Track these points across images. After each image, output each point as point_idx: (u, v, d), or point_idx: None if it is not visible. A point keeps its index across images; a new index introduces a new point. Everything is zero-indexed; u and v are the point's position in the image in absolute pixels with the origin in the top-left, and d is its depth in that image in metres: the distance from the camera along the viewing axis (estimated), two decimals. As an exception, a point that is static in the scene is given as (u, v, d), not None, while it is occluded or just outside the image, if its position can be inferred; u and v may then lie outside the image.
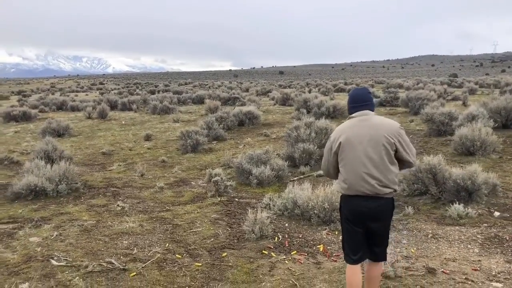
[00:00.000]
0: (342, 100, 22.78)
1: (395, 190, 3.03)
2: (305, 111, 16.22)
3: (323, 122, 9.67)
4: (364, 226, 3.07)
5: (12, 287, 3.68)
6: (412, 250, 4.48)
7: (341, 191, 3.14)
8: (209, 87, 49.37)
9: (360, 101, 3.14)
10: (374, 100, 3.27)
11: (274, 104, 22.27)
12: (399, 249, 4.51)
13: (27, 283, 3.77)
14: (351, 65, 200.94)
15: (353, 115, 3.14)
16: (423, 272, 3.91)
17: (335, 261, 4.27)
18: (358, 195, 3.02)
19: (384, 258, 3.19)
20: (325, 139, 9.03)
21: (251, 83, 64.80)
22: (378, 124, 3.03)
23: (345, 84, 42.48)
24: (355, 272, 3.13)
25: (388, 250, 4.07)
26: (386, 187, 2.97)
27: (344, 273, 3.94)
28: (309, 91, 33.06)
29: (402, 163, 3.07)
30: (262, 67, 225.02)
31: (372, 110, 3.14)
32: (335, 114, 15.78)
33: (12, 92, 47.25)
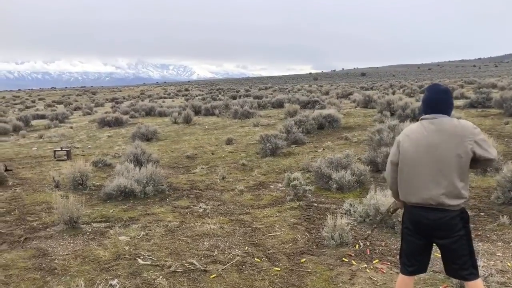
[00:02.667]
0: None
1: (464, 202, 2.77)
2: (388, 113, 15.64)
3: (407, 125, 9.22)
4: (427, 239, 2.87)
5: (103, 283, 3.93)
6: (509, 264, 4.11)
7: (401, 198, 2.97)
8: (289, 91, 49.50)
9: (438, 107, 2.85)
10: (464, 101, 3.01)
11: (355, 107, 21.75)
12: (493, 262, 4.15)
13: (116, 280, 4.01)
14: (438, 65, 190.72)
15: (425, 116, 2.90)
16: (522, 289, 3.56)
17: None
18: (420, 206, 2.83)
19: (468, 278, 2.84)
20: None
21: (332, 85, 63.97)
22: (451, 128, 2.76)
23: (432, 84, 40.26)
24: (407, 283, 2.95)
25: (481, 263, 3.77)
26: (452, 198, 2.73)
27: (430, 284, 3.73)
28: (393, 93, 31.89)
29: (483, 162, 2.80)
30: (343, 69, 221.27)
31: (449, 115, 2.88)
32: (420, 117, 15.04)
33: (107, 99, 51.11)
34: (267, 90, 55.39)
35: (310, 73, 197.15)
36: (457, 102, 19.90)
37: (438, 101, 2.88)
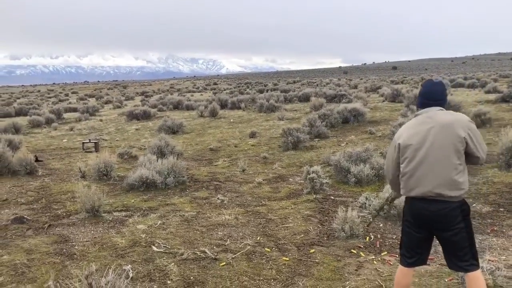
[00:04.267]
0: (459, 95, 21.17)
1: (463, 193, 2.78)
2: (415, 107, 15.38)
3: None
4: (427, 231, 2.88)
5: (117, 268, 4.09)
6: (521, 260, 4.05)
7: (402, 193, 2.99)
8: (317, 84, 49.18)
9: (434, 99, 2.92)
10: (496, 96, 3.01)
11: (383, 101, 21.46)
12: (504, 257, 4.10)
13: (129, 265, 4.17)
14: (472, 58, 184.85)
15: (420, 112, 2.95)
16: (531, 285, 3.51)
17: (428, 265, 4.02)
18: (421, 198, 2.84)
19: (468, 269, 2.84)
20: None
21: (361, 79, 63.13)
22: (446, 120, 2.79)
23: (465, 79, 39.25)
24: (406, 274, 2.97)
25: (491, 257, 3.74)
26: (451, 189, 2.74)
27: (436, 277, 3.72)
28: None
29: (470, 158, 2.82)
30: (373, 62, 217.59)
31: (444, 108, 2.92)
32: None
33: (137, 93, 52.09)
34: (295, 84, 55.20)
35: (340, 66, 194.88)
36: (488, 97, 19.37)
37: (436, 93, 2.95)
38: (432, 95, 2.94)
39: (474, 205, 5.94)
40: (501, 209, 5.67)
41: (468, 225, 2.82)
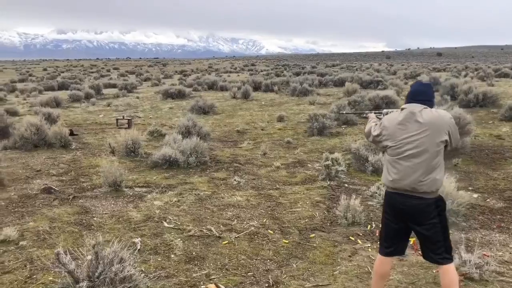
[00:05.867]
0: (501, 86, 20.41)
1: (439, 190, 2.91)
2: (449, 97, 15.03)
3: (456, 111, 8.95)
4: (404, 223, 2.99)
5: (128, 240, 4.42)
6: (517, 256, 4.07)
7: (384, 184, 3.11)
8: (356, 69, 48.36)
9: (421, 99, 2.99)
10: None
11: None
12: (501, 253, 4.13)
13: (139, 238, 4.49)
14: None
15: (405, 105, 3.02)
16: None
17: (421, 255, 4.12)
18: (397, 192, 2.95)
19: (441, 262, 2.97)
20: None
21: (402, 65, 61.54)
22: (429, 118, 2.88)
23: (511, 69, 37.61)
24: (384, 262, 3.09)
25: (486, 253, 3.80)
26: (427, 185, 2.84)
27: (425, 268, 3.83)
28: (465, 75, 30.24)
29: (448, 151, 2.99)
30: (418, 48, 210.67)
31: (431, 107, 2.99)
32: (484, 103, 14.33)
33: (176, 72, 52.96)
34: (334, 68, 54.48)
35: (383, 51, 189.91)
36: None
37: (423, 92, 3.04)
38: (422, 94, 3.02)
39: (488, 200, 5.92)
40: (514, 206, 5.63)
41: (443, 220, 2.94)
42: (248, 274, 3.88)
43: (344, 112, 5.08)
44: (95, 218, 5.22)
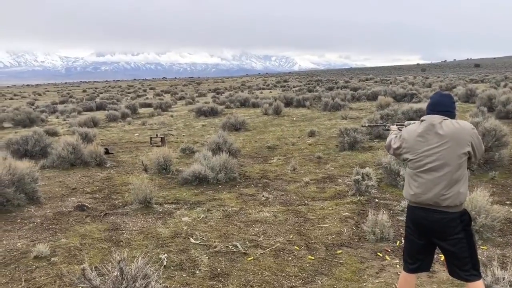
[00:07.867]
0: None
1: (463, 204, 2.79)
2: (485, 109, 14.56)
3: (492, 123, 8.63)
4: (427, 239, 2.88)
5: (154, 256, 4.47)
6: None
7: (406, 198, 3.01)
8: (390, 82, 47.68)
9: (441, 110, 2.91)
10: None
11: (456, 101, 20.45)
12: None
13: (165, 255, 4.54)
14: None
15: (424, 117, 2.93)
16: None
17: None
18: (420, 207, 2.85)
19: (468, 279, 2.83)
20: (492, 142, 8.12)
21: (438, 77, 60.20)
22: (451, 130, 2.79)
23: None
24: (408, 280, 2.95)
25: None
26: (450, 199, 2.73)
27: (456, 285, 3.68)
28: (504, 86, 29.28)
29: (471, 163, 2.87)
30: (454, 60, 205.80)
31: (452, 118, 2.89)
32: (524, 114, 13.81)
33: (210, 90, 53.82)
34: (367, 82, 53.92)
35: (418, 64, 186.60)
36: None
37: (443, 103, 2.95)
38: (441, 104, 2.94)
39: (527, 214, 5.65)
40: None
41: (469, 236, 2.81)
42: (273, 290, 3.84)
43: (366, 125, 4.99)
44: (124, 235, 5.31)
